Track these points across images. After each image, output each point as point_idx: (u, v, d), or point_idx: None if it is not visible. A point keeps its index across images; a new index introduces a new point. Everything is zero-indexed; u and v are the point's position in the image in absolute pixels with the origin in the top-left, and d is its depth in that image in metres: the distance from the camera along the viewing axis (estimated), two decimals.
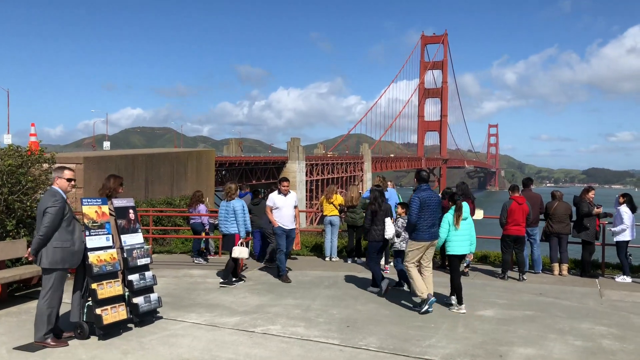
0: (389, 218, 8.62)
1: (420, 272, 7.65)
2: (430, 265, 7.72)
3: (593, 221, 10.17)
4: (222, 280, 9.14)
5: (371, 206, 8.59)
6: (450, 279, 7.76)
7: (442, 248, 10.98)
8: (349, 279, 9.60)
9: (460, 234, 7.66)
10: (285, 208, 9.56)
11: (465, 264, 9.45)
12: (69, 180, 5.94)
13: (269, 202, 9.68)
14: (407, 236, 7.97)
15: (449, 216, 7.70)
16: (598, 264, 10.73)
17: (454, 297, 7.64)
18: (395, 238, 8.82)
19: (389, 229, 8.55)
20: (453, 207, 7.74)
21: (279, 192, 9.65)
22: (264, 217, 11.69)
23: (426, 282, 7.54)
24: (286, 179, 9.97)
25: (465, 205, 7.77)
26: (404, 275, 8.46)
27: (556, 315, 7.32)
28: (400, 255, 8.84)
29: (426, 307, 7.31)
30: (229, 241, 9.34)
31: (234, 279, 9.28)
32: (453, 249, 7.69)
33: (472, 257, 8.92)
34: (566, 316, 7.27)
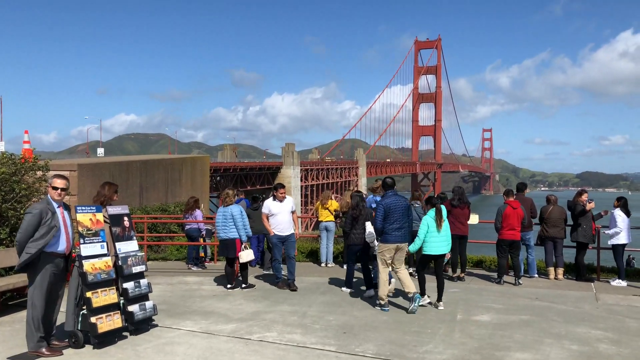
0: (369, 222, 8.79)
1: (394, 271, 8.06)
2: (403, 266, 8.05)
3: (589, 222, 10.21)
4: (243, 285, 9.34)
5: (353, 211, 8.90)
6: (417, 275, 8.33)
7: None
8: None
9: (439, 235, 7.98)
10: (281, 214, 9.44)
11: (445, 262, 9.47)
12: (54, 188, 5.86)
13: (264, 210, 9.54)
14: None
15: (427, 218, 7.99)
16: (593, 267, 10.77)
17: (429, 298, 8.08)
18: (375, 241, 8.80)
19: (369, 232, 8.73)
20: (432, 210, 8.03)
21: (274, 199, 9.53)
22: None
23: (404, 280, 7.85)
24: (282, 185, 9.77)
25: (443, 207, 8.15)
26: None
27: (552, 319, 7.33)
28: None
29: (412, 306, 7.68)
30: (228, 246, 9.34)
31: (229, 286, 9.26)
32: (431, 250, 7.99)
33: (449, 256, 9.26)
34: (562, 320, 7.28)
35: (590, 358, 5.77)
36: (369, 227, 8.76)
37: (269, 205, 9.50)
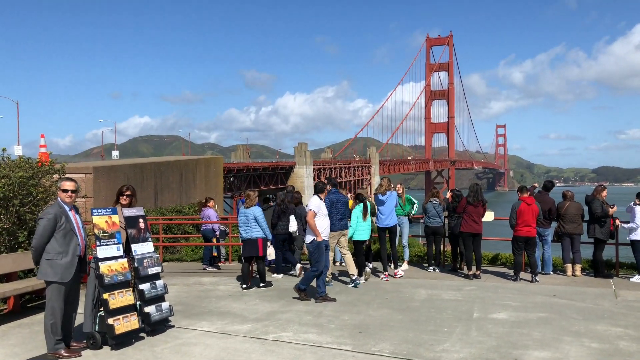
0: (292, 216, 10.57)
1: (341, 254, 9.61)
2: (348, 250, 9.44)
3: (607, 220, 10.04)
4: (262, 284, 9.47)
5: (278, 207, 10.50)
6: (355, 257, 9.70)
7: (460, 253, 10.82)
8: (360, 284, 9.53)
9: (364, 225, 9.73)
10: (327, 217, 8.60)
11: (365, 246, 10.36)
12: (64, 191, 5.90)
13: (314, 208, 8.32)
14: None
15: (357, 211, 9.65)
16: (612, 263, 10.59)
17: (358, 276, 9.42)
18: (297, 232, 10.68)
19: (292, 225, 10.57)
20: (360, 205, 9.67)
21: (320, 199, 8.55)
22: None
23: (348, 262, 9.33)
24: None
25: (368, 203, 9.89)
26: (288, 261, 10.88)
27: (571, 317, 7.23)
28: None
29: (353, 284, 9.24)
30: (252, 245, 9.41)
31: (244, 286, 9.28)
32: (358, 236, 9.73)
33: (367, 242, 10.52)
34: (581, 318, 7.17)
35: (610, 356, 5.68)
36: (292, 220, 10.53)
37: (319, 204, 8.43)
